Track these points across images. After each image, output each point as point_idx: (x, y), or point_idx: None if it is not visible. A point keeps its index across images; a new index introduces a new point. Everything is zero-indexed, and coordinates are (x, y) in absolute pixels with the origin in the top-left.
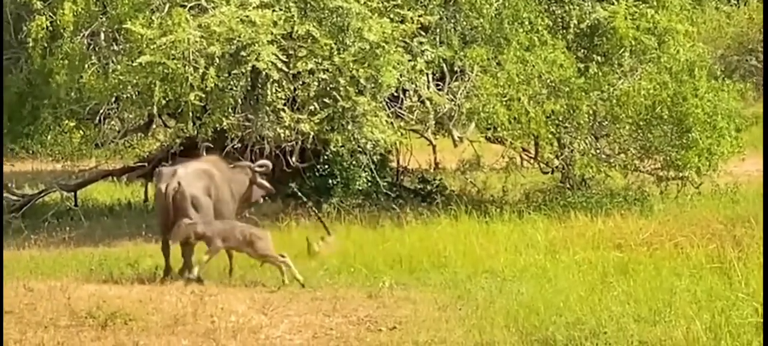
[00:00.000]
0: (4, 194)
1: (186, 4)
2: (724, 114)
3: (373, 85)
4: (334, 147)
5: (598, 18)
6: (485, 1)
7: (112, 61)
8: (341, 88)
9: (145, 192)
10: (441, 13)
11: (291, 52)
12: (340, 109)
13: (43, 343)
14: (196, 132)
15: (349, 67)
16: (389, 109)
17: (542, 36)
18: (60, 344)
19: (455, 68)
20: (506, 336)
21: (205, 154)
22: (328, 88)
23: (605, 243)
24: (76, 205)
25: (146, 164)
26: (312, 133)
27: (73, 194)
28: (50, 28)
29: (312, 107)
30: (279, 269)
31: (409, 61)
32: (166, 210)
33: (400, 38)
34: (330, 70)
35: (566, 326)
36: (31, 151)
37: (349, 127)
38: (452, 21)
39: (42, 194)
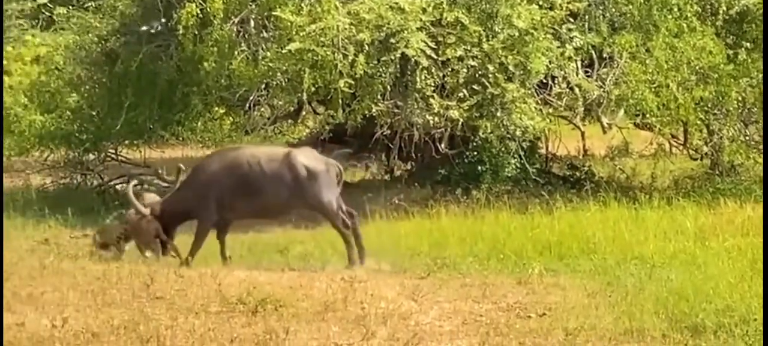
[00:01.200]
0: (155, 180)
1: None
2: None
3: (522, 71)
4: (483, 134)
5: (746, 4)
6: None
7: (262, 48)
8: (490, 75)
9: None
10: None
11: (440, 38)
12: (489, 96)
13: (193, 329)
14: (345, 119)
15: (498, 54)
16: (538, 95)
17: (691, 22)
18: (210, 330)
19: (604, 55)
20: (656, 323)
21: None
22: (477, 75)
23: (755, 230)
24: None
25: None
26: (461, 119)
27: None
28: (200, 16)
29: (461, 94)
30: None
31: (558, 47)
32: None
33: (549, 25)
34: (479, 57)
35: (716, 312)
36: (181, 138)
37: (498, 113)
38: (601, 7)
39: None
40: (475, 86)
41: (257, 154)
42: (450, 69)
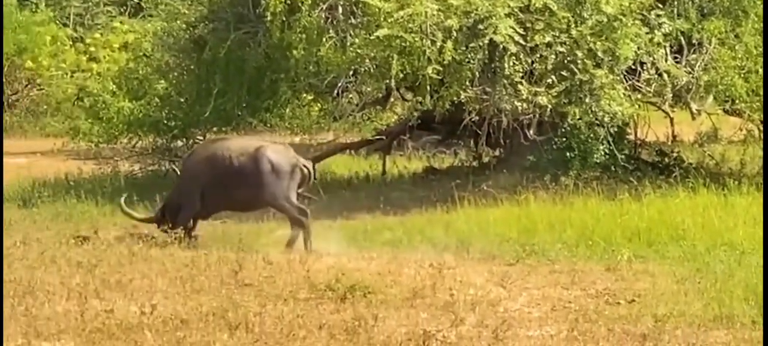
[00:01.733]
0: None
1: None
2: None
3: (610, 57)
4: (571, 120)
5: None
6: None
7: (350, 35)
8: (579, 61)
9: (383, 165)
10: None
11: (528, 24)
12: (578, 82)
13: (282, 315)
14: (433, 105)
15: (586, 40)
16: (627, 82)
17: None
18: (299, 316)
19: (693, 41)
20: (746, 309)
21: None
22: (565, 61)
23: None
24: (314, 178)
25: (384, 137)
26: (550, 106)
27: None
28: (288, 3)
29: (549, 80)
30: None
31: (647, 33)
32: None
33: (638, 11)
34: (567, 43)
35: None
36: (269, 125)
37: (587, 100)
38: None
39: None
40: (563, 72)
41: (232, 147)
42: (538, 55)
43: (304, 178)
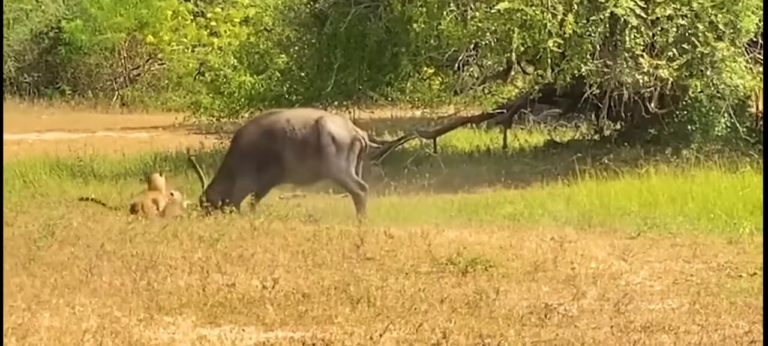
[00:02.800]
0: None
1: None
2: None
3: (731, 30)
4: (692, 93)
5: None
6: None
7: (471, 8)
8: (700, 34)
9: (504, 138)
10: None
11: None
12: (699, 55)
13: (403, 289)
14: (554, 79)
15: (707, 13)
16: (748, 54)
17: None
18: (421, 290)
19: None
20: None
21: None
22: (686, 34)
23: None
24: (435, 151)
25: (505, 111)
26: (671, 79)
27: (432, 140)
28: None
29: (670, 53)
30: None
31: None
32: None
33: None
34: (688, 15)
35: None
36: (390, 99)
37: (708, 72)
38: None
39: (401, 141)
40: (684, 45)
41: (291, 120)
42: (659, 28)
43: (362, 150)
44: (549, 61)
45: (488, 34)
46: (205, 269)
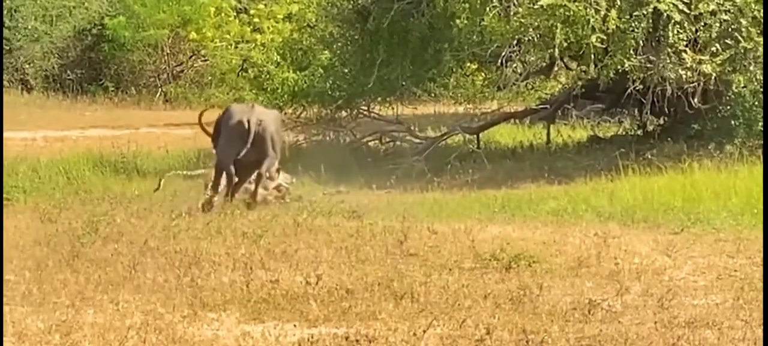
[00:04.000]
0: (407, 137)
1: None
2: None
3: None
4: (736, 88)
5: None
6: None
7: (514, 4)
8: (743, 29)
9: (548, 134)
10: None
11: None
12: (742, 50)
13: (447, 285)
14: (597, 74)
15: (750, 8)
16: None
17: None
18: (464, 286)
19: None
20: None
21: None
22: (729, 29)
23: None
24: (478, 147)
25: (548, 106)
26: (714, 74)
27: (475, 136)
28: None
29: (714, 48)
30: None
31: None
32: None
33: None
34: (731, 10)
35: None
36: (433, 95)
37: (752, 67)
38: None
39: (445, 137)
40: (727, 40)
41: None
42: (702, 23)
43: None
44: (592, 56)
45: (531, 29)
46: (248, 266)
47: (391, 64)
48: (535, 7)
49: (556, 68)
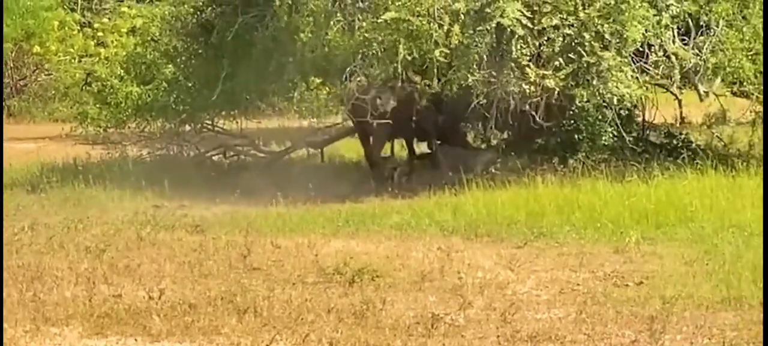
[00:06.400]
0: (252, 151)
1: None
2: None
3: (618, 40)
4: (579, 102)
5: None
6: None
7: (358, 18)
8: (586, 44)
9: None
10: None
11: (535, 8)
12: (585, 65)
13: (290, 299)
14: (441, 89)
15: (594, 23)
16: (634, 64)
17: None
18: (307, 300)
19: (701, 23)
20: (753, 291)
21: None
22: (573, 44)
23: None
24: (322, 161)
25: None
26: (557, 88)
27: (319, 150)
28: None
29: (557, 63)
30: None
31: (655, 15)
32: None
33: None
34: (575, 25)
35: None
36: (277, 109)
37: (595, 82)
38: None
39: (289, 151)
40: (571, 55)
41: None
42: (546, 38)
43: None
44: (436, 71)
45: (375, 44)
46: (91, 280)
47: (235, 78)
48: (379, 21)
49: (400, 83)
